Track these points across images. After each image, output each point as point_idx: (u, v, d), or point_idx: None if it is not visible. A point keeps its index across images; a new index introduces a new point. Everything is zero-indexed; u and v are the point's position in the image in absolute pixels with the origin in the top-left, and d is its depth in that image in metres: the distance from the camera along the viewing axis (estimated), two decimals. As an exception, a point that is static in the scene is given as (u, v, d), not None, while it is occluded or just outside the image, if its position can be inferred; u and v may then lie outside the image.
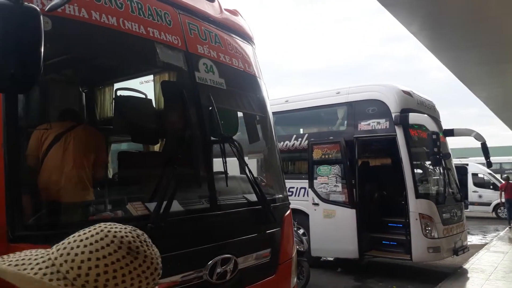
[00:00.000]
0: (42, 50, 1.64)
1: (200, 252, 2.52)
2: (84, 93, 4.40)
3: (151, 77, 4.08)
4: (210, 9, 3.35)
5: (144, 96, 3.97)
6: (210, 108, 2.99)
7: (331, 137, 7.89)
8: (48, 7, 1.87)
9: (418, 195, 7.00)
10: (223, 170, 3.02)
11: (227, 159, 3.05)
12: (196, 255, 2.50)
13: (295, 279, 3.46)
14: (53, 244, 0.83)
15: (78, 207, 2.26)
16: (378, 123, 7.37)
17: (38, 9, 1.67)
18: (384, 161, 9.64)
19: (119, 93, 4.05)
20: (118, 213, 2.30)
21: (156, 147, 3.97)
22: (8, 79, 1.59)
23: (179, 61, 2.85)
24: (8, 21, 1.61)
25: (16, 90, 1.77)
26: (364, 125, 7.51)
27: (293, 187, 7.89)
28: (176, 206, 2.43)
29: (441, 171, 7.66)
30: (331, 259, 8.39)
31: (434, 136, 6.60)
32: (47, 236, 1.95)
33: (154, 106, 3.85)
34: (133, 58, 3.08)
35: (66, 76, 3.45)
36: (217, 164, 2.99)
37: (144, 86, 4.22)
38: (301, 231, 7.64)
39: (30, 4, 1.69)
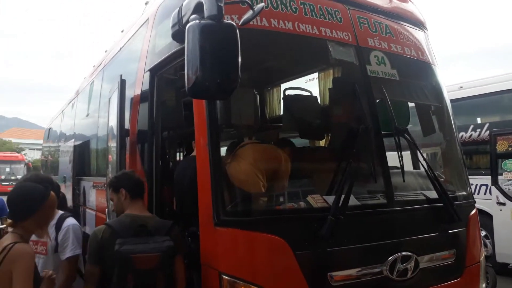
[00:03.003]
0: (240, 59, 1.88)
1: (378, 247, 2.49)
2: (257, 95, 4.81)
3: (315, 74, 4.20)
4: (379, 0, 3.28)
5: (309, 94, 4.12)
6: (383, 100, 2.92)
7: (520, 126, 6.77)
8: (241, 22, 2.12)
9: None
10: (398, 165, 2.91)
11: (402, 152, 2.93)
12: (375, 250, 2.48)
13: (484, 285, 3.11)
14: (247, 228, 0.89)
15: (266, 198, 2.50)
16: None
17: (235, 25, 1.91)
18: None
19: (287, 92, 4.30)
20: (301, 204, 2.45)
21: (322, 142, 4.08)
22: (215, 88, 1.87)
23: (350, 56, 2.87)
24: (212, 37, 1.90)
25: (220, 96, 2.06)
26: None
27: (472, 184, 7.02)
28: (353, 200, 2.46)
29: None
30: (523, 267, 7.21)
31: None
32: (242, 221, 2.22)
33: (320, 102, 3.95)
34: (306, 58, 3.23)
35: (245, 80, 3.81)
36: (390, 158, 2.90)
37: (309, 84, 4.38)
38: (483, 233, 6.78)
39: (228, 21, 1.95)
